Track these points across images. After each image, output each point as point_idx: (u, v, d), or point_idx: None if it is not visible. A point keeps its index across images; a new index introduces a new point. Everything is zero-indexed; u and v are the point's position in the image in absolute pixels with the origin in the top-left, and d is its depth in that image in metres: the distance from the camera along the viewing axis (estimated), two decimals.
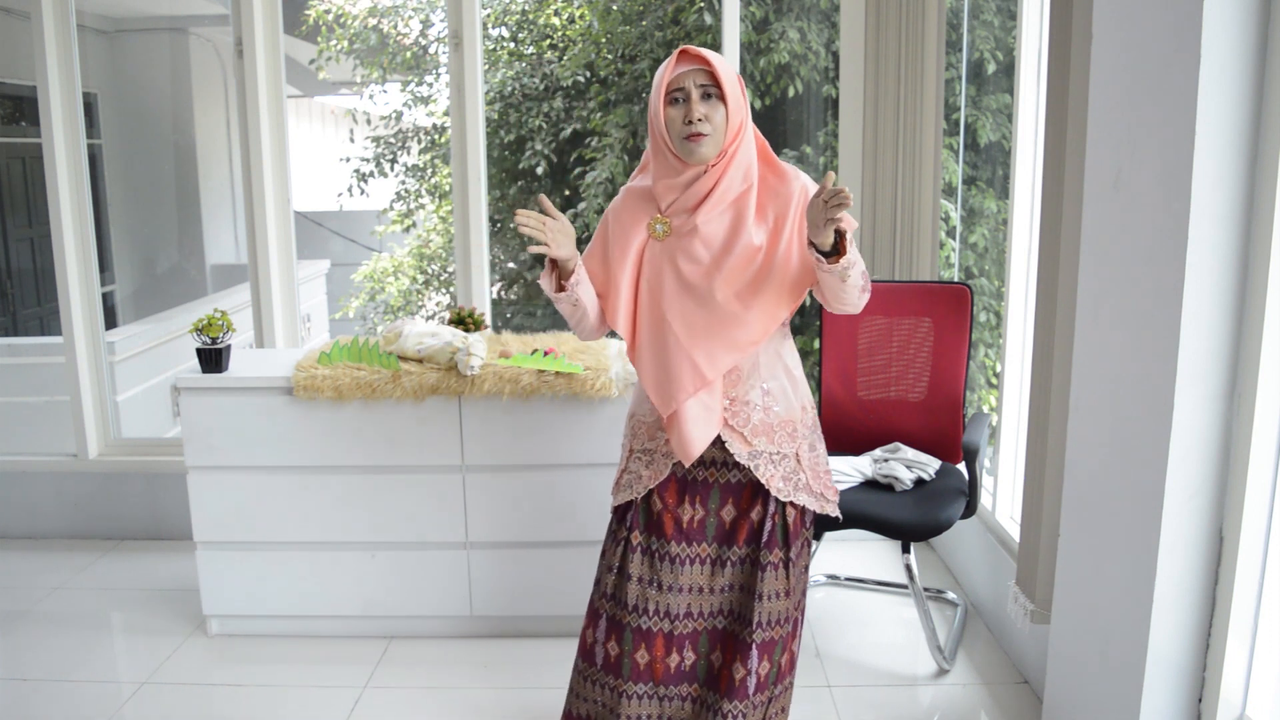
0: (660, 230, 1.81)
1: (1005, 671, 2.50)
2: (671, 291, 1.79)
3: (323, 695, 2.45)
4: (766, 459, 1.83)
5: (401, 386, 2.51)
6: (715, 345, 1.77)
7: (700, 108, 1.72)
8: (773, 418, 1.83)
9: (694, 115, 1.71)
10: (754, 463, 1.82)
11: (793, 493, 1.84)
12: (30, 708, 2.40)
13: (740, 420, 1.82)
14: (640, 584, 1.86)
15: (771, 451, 1.83)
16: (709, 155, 1.74)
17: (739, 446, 1.82)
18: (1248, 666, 1.72)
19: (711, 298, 1.77)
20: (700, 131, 1.72)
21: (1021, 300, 2.63)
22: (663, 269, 1.81)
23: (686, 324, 1.78)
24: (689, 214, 1.79)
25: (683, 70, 1.73)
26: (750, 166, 1.79)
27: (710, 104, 1.73)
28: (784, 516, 1.84)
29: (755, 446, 1.82)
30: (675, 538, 1.86)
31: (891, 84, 3.10)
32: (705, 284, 1.77)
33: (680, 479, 1.88)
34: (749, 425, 1.82)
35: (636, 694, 1.87)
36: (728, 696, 1.82)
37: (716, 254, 1.77)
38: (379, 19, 5.53)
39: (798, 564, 1.87)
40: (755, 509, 1.84)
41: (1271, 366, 1.60)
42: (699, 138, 1.72)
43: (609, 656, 1.88)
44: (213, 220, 5.58)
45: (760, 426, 1.82)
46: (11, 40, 4.41)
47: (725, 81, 1.72)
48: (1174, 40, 1.59)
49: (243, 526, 2.65)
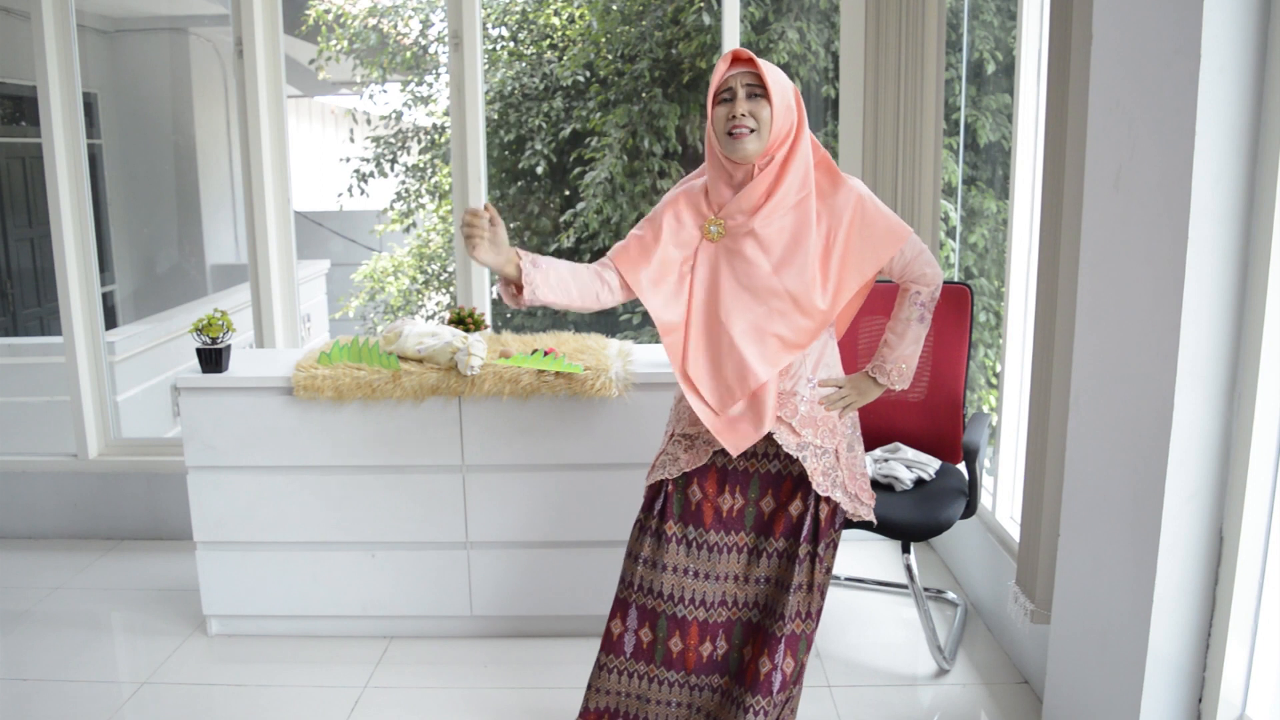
0: (715, 231, 1.85)
1: (1005, 671, 2.50)
2: (728, 291, 1.83)
3: (323, 695, 2.45)
4: (812, 451, 1.87)
5: (401, 386, 2.51)
6: (769, 345, 1.81)
7: (744, 105, 1.76)
8: (816, 411, 1.88)
9: (738, 111, 1.76)
10: (802, 454, 1.86)
11: (830, 489, 1.87)
12: (30, 708, 2.40)
13: (789, 411, 1.87)
14: (677, 574, 1.90)
15: (816, 444, 1.87)
16: (752, 153, 1.77)
17: (788, 437, 1.86)
18: (1248, 666, 1.72)
19: (770, 296, 1.80)
20: (743, 125, 1.75)
21: (1021, 300, 2.63)
22: (719, 269, 1.84)
23: (742, 324, 1.82)
24: (746, 216, 1.82)
25: (732, 73, 1.78)
26: (807, 175, 1.82)
27: (755, 103, 1.76)
28: (817, 511, 1.87)
29: (803, 438, 1.86)
30: (715, 526, 1.91)
31: (891, 84, 3.09)
32: (764, 284, 1.81)
33: (720, 468, 1.92)
34: (797, 416, 1.87)
35: (668, 681, 1.90)
36: (752, 691, 1.85)
37: (780, 257, 1.81)
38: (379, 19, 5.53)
39: (824, 561, 1.89)
40: (794, 502, 1.88)
41: (1271, 366, 1.60)
42: (742, 134, 1.76)
43: (640, 644, 1.92)
44: (213, 220, 5.57)
45: (808, 418, 1.87)
46: (11, 40, 4.41)
47: (770, 81, 1.75)
48: (1174, 40, 1.59)
49: (243, 526, 2.65)
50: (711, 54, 4.67)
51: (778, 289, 1.80)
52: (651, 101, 4.86)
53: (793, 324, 1.81)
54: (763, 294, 1.81)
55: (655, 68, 4.88)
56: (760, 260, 1.81)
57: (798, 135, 1.81)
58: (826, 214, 1.83)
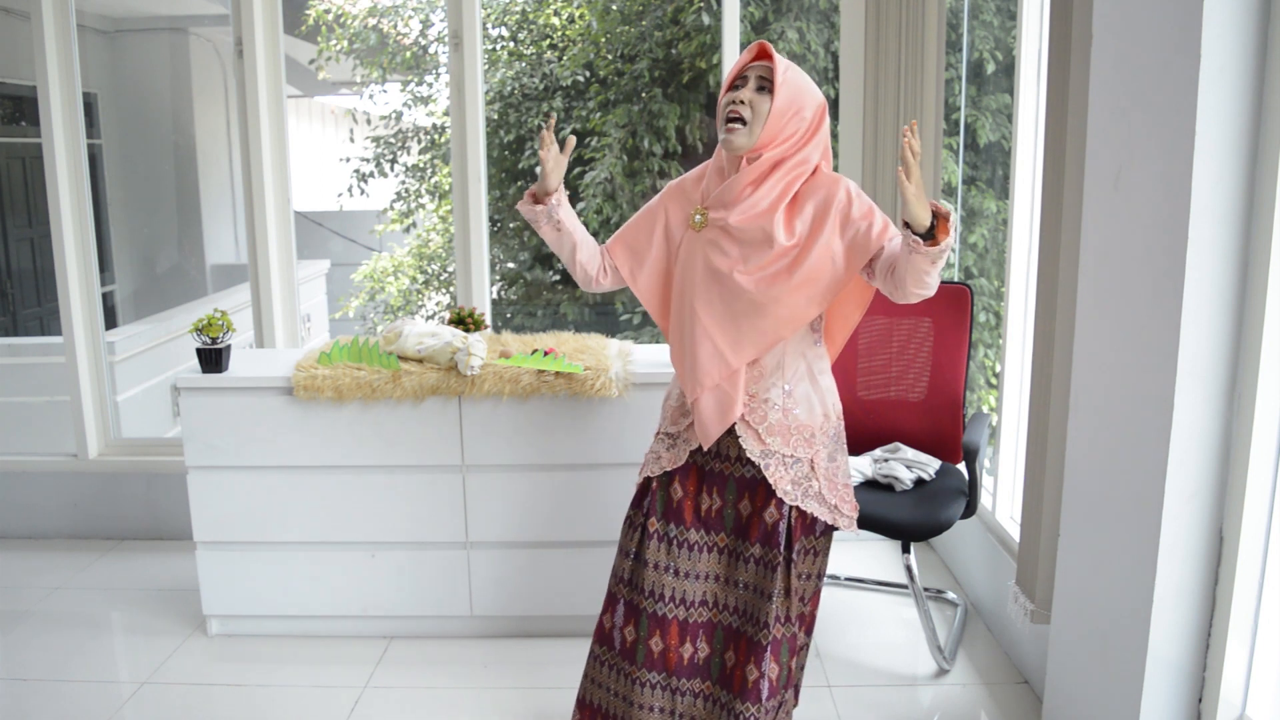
0: (697, 220, 1.86)
1: (1005, 671, 2.50)
2: (701, 280, 1.83)
3: (323, 695, 2.45)
4: (778, 460, 1.84)
5: (401, 386, 2.51)
6: (740, 335, 1.81)
7: (748, 94, 1.76)
8: (791, 420, 1.85)
9: (739, 97, 1.75)
10: (764, 461, 1.84)
11: (801, 498, 1.85)
12: (30, 708, 2.40)
13: (757, 417, 1.85)
14: (657, 570, 1.90)
15: (785, 454, 1.85)
16: (740, 145, 1.76)
17: (752, 443, 1.85)
18: (1248, 666, 1.72)
19: (738, 288, 1.79)
20: (738, 112, 1.75)
21: (1021, 300, 2.63)
22: (695, 258, 1.85)
23: (713, 313, 1.82)
24: (726, 210, 1.82)
25: (752, 64, 1.78)
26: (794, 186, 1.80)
27: (759, 95, 1.76)
28: (789, 518, 1.85)
29: (769, 445, 1.84)
30: (694, 525, 1.91)
31: (891, 84, 3.10)
32: (732, 275, 1.80)
33: (700, 468, 1.92)
34: (765, 423, 1.85)
35: (650, 683, 1.90)
36: (741, 697, 1.84)
37: (746, 250, 1.80)
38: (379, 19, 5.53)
39: (799, 566, 1.87)
40: (769, 509, 1.86)
41: (1271, 366, 1.60)
42: (735, 123, 1.75)
43: (625, 641, 1.92)
44: (213, 220, 5.58)
45: (776, 426, 1.85)
46: (11, 40, 4.41)
47: (780, 80, 1.73)
48: (1174, 40, 1.59)
49: (243, 526, 2.65)
50: (711, 54, 4.68)
51: (745, 287, 1.79)
52: (651, 101, 4.87)
53: (755, 324, 1.80)
54: (732, 289, 1.81)
55: (655, 68, 4.88)
56: (732, 250, 1.81)
57: (800, 145, 1.79)
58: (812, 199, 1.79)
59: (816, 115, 1.80)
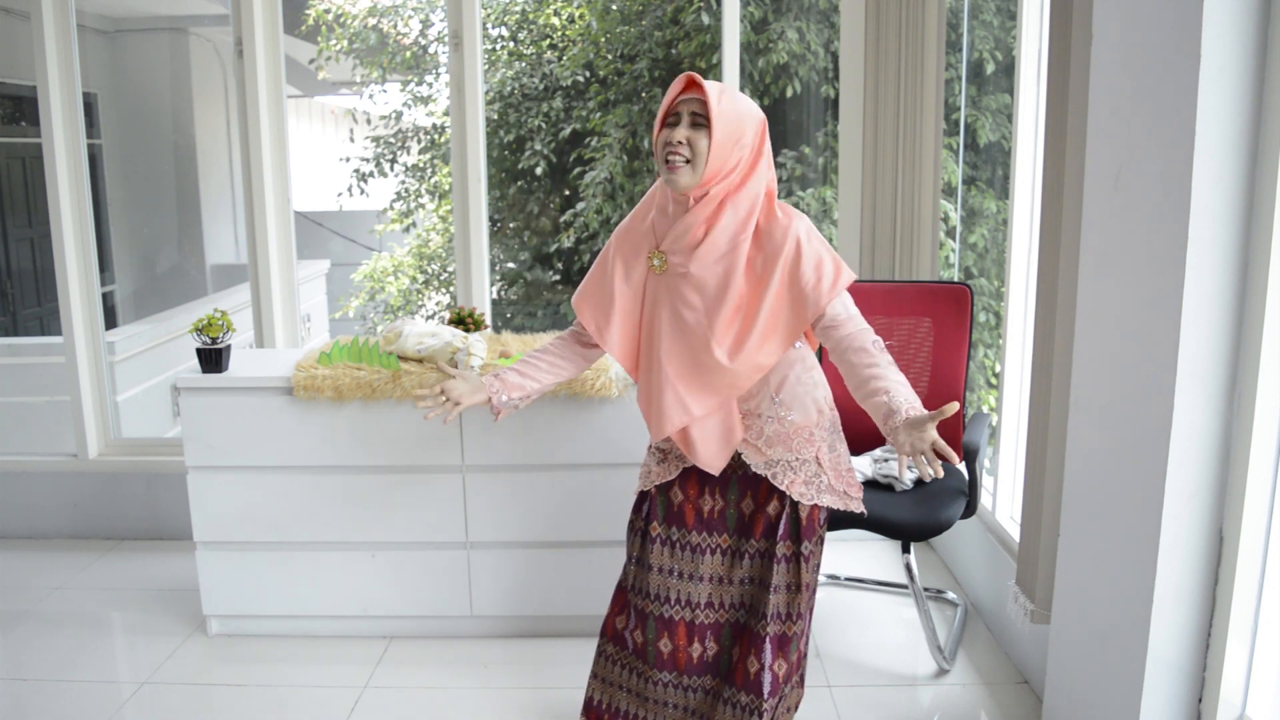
0: (657, 264, 1.80)
1: (1005, 671, 2.50)
2: (667, 331, 1.80)
3: (323, 695, 2.45)
4: (784, 466, 1.84)
5: (401, 386, 2.51)
6: (704, 389, 1.79)
7: (683, 133, 1.68)
8: (787, 426, 1.84)
9: (674, 138, 1.69)
10: (770, 471, 1.84)
11: (816, 495, 1.84)
12: (30, 708, 2.40)
13: (754, 433, 1.84)
14: (661, 574, 1.91)
15: (790, 459, 1.84)
16: (685, 184, 1.70)
17: (754, 457, 1.85)
18: (1248, 666, 1.72)
19: (704, 348, 1.76)
20: (678, 154, 1.68)
21: (1021, 300, 2.63)
22: (660, 305, 1.81)
23: (677, 365, 1.79)
24: (684, 256, 1.76)
25: (683, 97, 1.72)
26: (749, 219, 1.74)
27: (696, 132, 1.68)
28: (797, 511, 1.85)
29: (771, 456, 1.84)
30: (696, 528, 1.90)
31: (891, 84, 3.09)
32: (699, 332, 1.76)
33: (700, 471, 1.91)
34: (763, 437, 1.84)
35: (662, 682, 1.92)
36: (745, 689, 1.84)
37: (709, 303, 1.76)
38: (379, 19, 5.53)
39: (811, 560, 1.88)
40: (772, 503, 1.86)
41: (1271, 366, 1.60)
42: (675, 163, 1.69)
43: (636, 644, 1.93)
44: (213, 220, 5.58)
45: (775, 437, 1.84)
46: (11, 40, 4.41)
47: (715, 112, 1.66)
48: (1174, 40, 1.59)
49: (243, 526, 2.65)
50: (711, 54, 4.67)
51: (713, 339, 1.75)
52: (651, 101, 4.87)
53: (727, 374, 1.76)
54: (695, 336, 1.77)
55: (655, 68, 4.88)
56: (695, 302, 1.76)
57: (747, 176, 1.72)
58: (760, 254, 1.74)
59: (757, 137, 1.73)
